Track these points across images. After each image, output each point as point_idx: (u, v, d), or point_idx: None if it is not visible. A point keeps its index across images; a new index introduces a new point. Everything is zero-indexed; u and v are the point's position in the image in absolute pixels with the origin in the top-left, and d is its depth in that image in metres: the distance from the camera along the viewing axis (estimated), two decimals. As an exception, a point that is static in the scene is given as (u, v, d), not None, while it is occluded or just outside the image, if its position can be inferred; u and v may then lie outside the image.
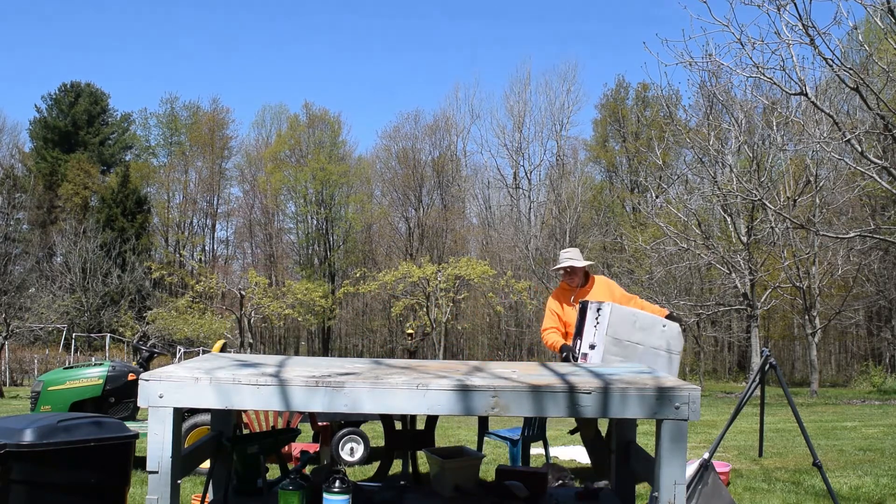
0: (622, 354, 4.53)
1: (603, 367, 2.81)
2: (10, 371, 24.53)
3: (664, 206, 22.18)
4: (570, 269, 5.38)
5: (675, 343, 4.76)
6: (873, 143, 13.70)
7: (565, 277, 5.44)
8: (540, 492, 2.89)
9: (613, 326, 4.67)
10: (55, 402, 6.16)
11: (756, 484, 5.78)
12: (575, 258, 5.39)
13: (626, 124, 42.86)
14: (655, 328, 4.73)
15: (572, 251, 5.47)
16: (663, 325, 4.76)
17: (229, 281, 32.18)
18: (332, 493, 2.36)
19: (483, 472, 3.59)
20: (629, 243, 26.64)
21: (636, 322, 4.69)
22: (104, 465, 2.95)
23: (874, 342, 34.04)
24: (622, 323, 4.65)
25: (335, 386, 2.23)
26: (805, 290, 22.16)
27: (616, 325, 4.65)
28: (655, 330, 4.72)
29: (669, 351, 4.70)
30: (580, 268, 5.40)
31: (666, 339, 4.72)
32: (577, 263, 5.34)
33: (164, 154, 49.05)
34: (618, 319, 4.66)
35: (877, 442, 8.72)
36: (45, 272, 32.60)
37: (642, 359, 4.44)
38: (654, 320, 4.81)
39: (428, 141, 45.04)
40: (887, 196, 21.48)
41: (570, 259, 5.38)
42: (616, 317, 4.67)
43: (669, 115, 20.16)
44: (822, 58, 9.53)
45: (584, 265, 5.37)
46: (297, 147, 46.18)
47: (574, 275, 5.39)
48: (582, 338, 4.75)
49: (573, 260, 5.37)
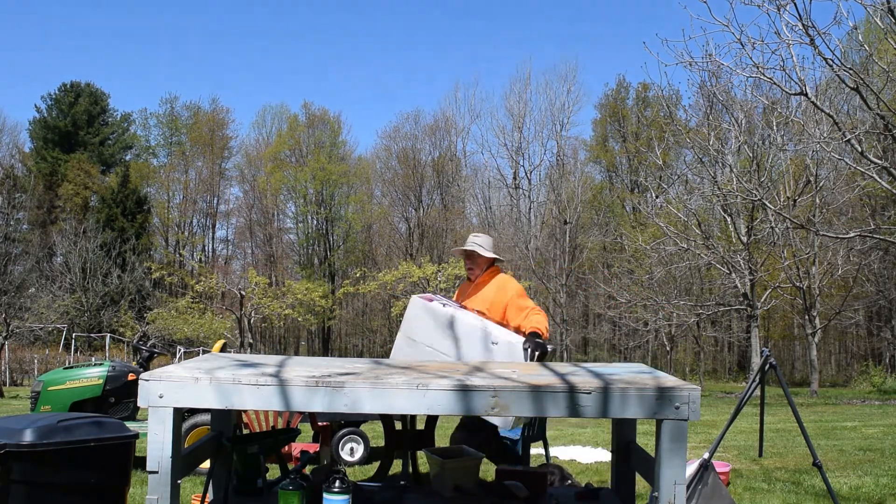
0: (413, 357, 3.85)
1: (603, 367, 2.81)
2: (10, 371, 24.54)
3: (664, 206, 22.19)
4: (468, 254, 4.41)
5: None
6: (873, 143, 13.70)
7: (466, 267, 4.51)
8: (540, 492, 2.89)
9: (409, 322, 3.99)
10: (55, 402, 6.16)
11: (756, 484, 5.78)
12: (482, 244, 4.39)
13: (627, 124, 42.87)
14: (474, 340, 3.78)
15: (482, 237, 4.47)
16: (493, 342, 3.76)
17: (229, 281, 32.17)
18: (332, 493, 2.36)
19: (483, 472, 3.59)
20: (629, 243, 26.64)
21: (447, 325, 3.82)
22: (104, 465, 2.95)
23: (874, 342, 34.05)
24: (419, 319, 3.91)
25: (335, 386, 2.23)
26: (805, 290, 22.16)
27: (412, 321, 3.95)
28: (474, 342, 3.78)
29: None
30: (483, 258, 4.38)
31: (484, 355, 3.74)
32: (482, 251, 4.36)
33: (164, 154, 49.10)
34: (415, 314, 3.94)
35: (877, 442, 8.72)
36: (45, 272, 32.60)
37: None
38: (476, 331, 3.82)
39: (428, 141, 45.06)
40: (887, 196, 21.48)
41: (475, 244, 4.39)
42: (413, 311, 3.96)
43: (669, 115, 20.17)
44: (822, 58, 9.55)
45: (489, 256, 4.37)
46: (297, 147, 46.19)
47: (475, 265, 4.40)
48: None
49: (479, 246, 4.38)
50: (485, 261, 4.40)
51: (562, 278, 36.11)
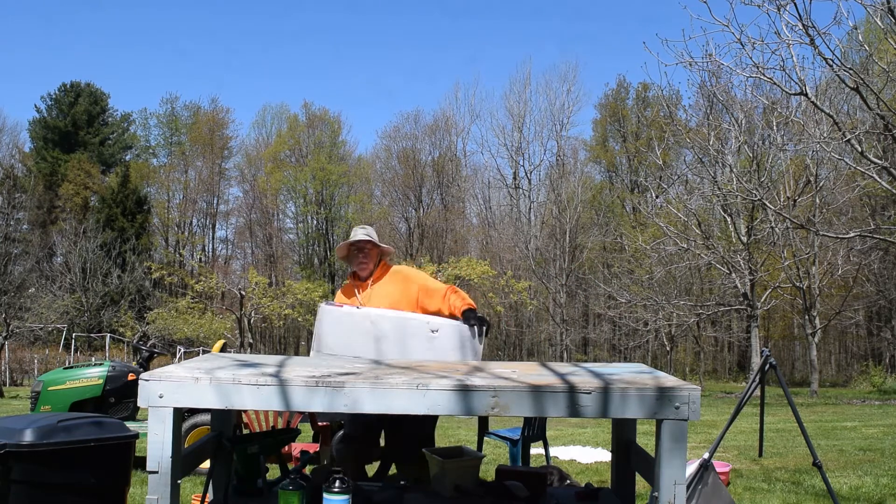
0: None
1: (603, 367, 2.81)
2: (10, 371, 24.54)
3: (664, 206, 22.19)
4: (360, 247, 3.88)
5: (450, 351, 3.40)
6: (873, 143, 13.70)
7: (355, 263, 3.90)
8: (540, 492, 2.89)
9: (323, 336, 3.44)
10: (55, 402, 6.16)
11: (756, 484, 5.78)
12: (373, 236, 3.92)
13: (627, 124, 42.87)
14: (411, 335, 3.36)
15: (370, 228, 3.99)
16: (433, 331, 3.38)
17: (229, 281, 32.19)
18: (332, 493, 2.36)
19: (483, 472, 3.59)
20: (629, 243, 26.66)
21: (372, 328, 3.34)
22: (104, 465, 2.95)
23: (874, 342, 34.06)
24: (334, 329, 3.41)
25: (335, 386, 2.23)
26: (805, 290, 22.16)
27: (326, 336, 3.41)
28: (412, 337, 3.36)
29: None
30: (376, 251, 3.89)
31: (427, 348, 3.33)
32: (378, 242, 3.90)
33: (164, 154, 49.12)
34: (329, 326, 3.43)
35: (877, 442, 8.72)
36: (45, 272, 32.61)
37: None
38: (411, 324, 3.42)
39: (428, 141, 45.06)
40: (887, 196, 21.48)
41: (369, 235, 3.90)
42: (327, 322, 3.43)
43: (669, 115, 20.17)
44: (822, 58, 9.53)
45: (386, 247, 3.95)
46: (297, 147, 46.19)
47: (368, 259, 3.87)
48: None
49: (372, 237, 3.90)
50: (377, 253, 3.89)
51: (562, 278, 36.12)
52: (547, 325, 37.19)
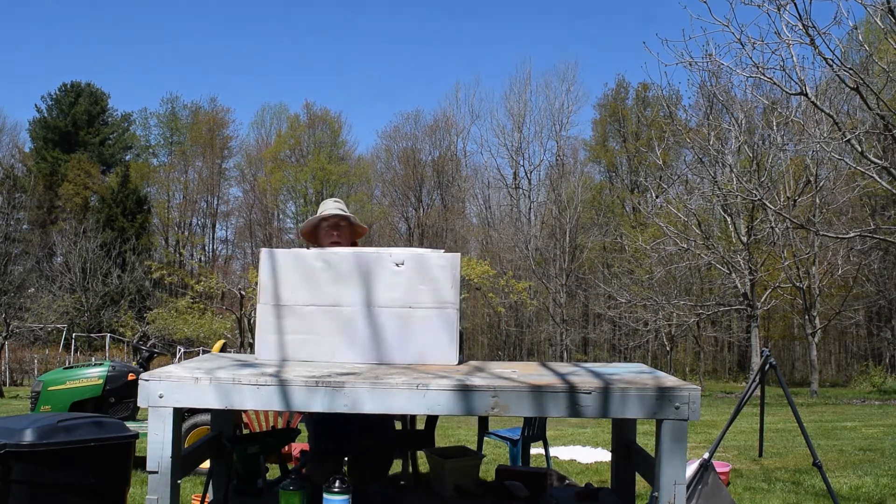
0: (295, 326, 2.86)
1: (603, 367, 2.81)
2: (10, 371, 24.53)
3: (664, 206, 22.19)
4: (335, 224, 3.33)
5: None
6: (873, 143, 13.70)
7: (326, 243, 3.32)
8: (540, 492, 2.89)
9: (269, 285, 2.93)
10: (55, 402, 6.16)
11: (756, 484, 5.78)
12: (347, 212, 3.42)
13: (626, 124, 42.87)
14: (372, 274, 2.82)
15: (342, 202, 3.48)
16: (398, 264, 2.88)
17: (229, 281, 32.12)
18: (332, 493, 2.36)
19: (483, 472, 3.59)
20: (629, 243, 26.65)
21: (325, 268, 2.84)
22: (104, 465, 2.95)
23: (874, 342, 34.06)
24: (285, 274, 2.93)
25: (335, 386, 2.23)
26: (805, 290, 22.17)
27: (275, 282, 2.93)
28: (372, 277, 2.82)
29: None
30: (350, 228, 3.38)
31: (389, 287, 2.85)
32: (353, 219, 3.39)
33: (164, 154, 49.13)
34: (280, 271, 2.92)
35: (877, 442, 8.72)
36: (45, 272, 32.61)
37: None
38: (371, 259, 2.87)
39: (428, 141, 45.09)
40: (887, 196, 21.49)
41: (344, 210, 3.41)
42: (278, 266, 2.94)
43: (669, 115, 20.18)
44: (822, 58, 9.54)
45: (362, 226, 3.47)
46: (298, 147, 46.20)
47: (343, 237, 3.33)
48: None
49: (346, 212, 3.39)
50: (351, 233, 3.38)
51: (562, 278, 36.12)
52: (547, 326, 37.19)
